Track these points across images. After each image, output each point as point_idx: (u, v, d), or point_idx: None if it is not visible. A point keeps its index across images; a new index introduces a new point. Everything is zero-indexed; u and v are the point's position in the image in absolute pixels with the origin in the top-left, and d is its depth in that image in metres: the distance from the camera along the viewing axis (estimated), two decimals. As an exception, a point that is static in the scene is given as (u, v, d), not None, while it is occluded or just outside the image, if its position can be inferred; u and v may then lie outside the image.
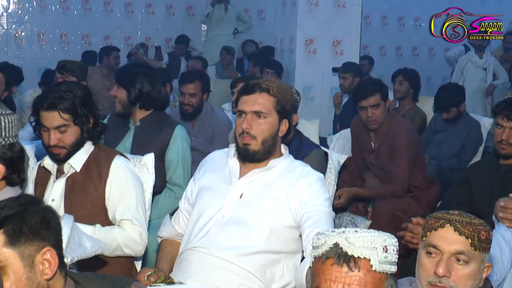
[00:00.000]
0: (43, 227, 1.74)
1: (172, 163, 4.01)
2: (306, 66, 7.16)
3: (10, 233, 1.71)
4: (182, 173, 4.01)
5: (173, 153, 4.00)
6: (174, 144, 4.00)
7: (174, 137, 4.00)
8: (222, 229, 2.77)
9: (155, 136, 3.97)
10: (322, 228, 2.53)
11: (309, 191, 2.77)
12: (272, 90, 2.85)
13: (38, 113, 2.95)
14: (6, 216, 1.72)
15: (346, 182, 4.65)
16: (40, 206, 1.78)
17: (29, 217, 1.73)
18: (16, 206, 1.74)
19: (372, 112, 4.52)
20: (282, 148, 2.97)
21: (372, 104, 4.51)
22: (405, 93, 6.13)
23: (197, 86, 5.12)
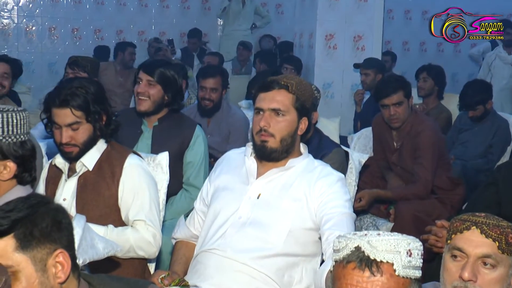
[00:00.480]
0: (54, 228, 1.74)
1: (192, 165, 3.99)
2: (326, 62, 7.15)
3: (21, 237, 1.70)
4: (202, 173, 4.00)
5: (194, 155, 3.99)
6: (195, 145, 3.99)
7: (195, 137, 3.99)
8: (238, 231, 2.78)
9: (175, 136, 3.96)
10: (343, 231, 2.54)
11: (329, 192, 2.77)
12: (291, 87, 2.85)
13: (49, 110, 2.97)
14: (16, 220, 1.71)
15: (367, 183, 4.64)
16: (51, 207, 1.78)
17: (40, 219, 1.73)
18: (26, 208, 1.74)
19: (394, 110, 4.51)
20: (301, 147, 2.96)
21: (394, 102, 4.50)
22: (430, 90, 6.09)
23: (218, 81, 5.13)
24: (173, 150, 3.60)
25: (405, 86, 4.57)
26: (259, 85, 2.93)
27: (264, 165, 2.88)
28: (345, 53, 7.14)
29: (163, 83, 3.91)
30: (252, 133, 2.90)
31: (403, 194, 4.47)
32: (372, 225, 4.59)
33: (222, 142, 5.14)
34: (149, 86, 3.90)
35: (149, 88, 3.90)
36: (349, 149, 4.22)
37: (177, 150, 3.88)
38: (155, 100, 3.91)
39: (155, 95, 3.91)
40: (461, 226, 2.13)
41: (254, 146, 2.89)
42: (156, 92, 3.91)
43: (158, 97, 3.91)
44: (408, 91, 4.56)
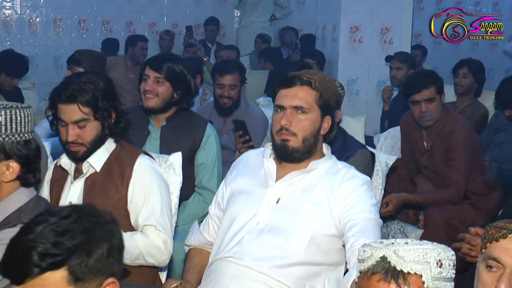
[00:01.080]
0: (110, 257, 1.73)
1: (205, 166, 4.01)
2: (351, 56, 7.13)
3: (75, 270, 1.68)
4: (215, 175, 4.02)
5: (207, 155, 4.00)
6: (207, 144, 4.00)
7: (207, 136, 4.00)
8: (256, 238, 2.78)
9: (186, 136, 3.97)
10: (368, 238, 2.54)
11: (354, 196, 2.77)
12: (314, 83, 2.85)
13: (55, 106, 2.98)
14: (71, 249, 1.67)
15: (395, 187, 4.63)
16: (106, 228, 1.75)
17: (96, 247, 1.70)
18: (81, 232, 1.69)
19: (426, 107, 4.49)
20: (324, 148, 2.97)
21: (426, 98, 4.48)
22: (469, 87, 6.02)
23: (236, 77, 5.13)
24: (184, 151, 3.61)
25: (437, 81, 4.55)
26: (279, 81, 2.94)
27: (284, 167, 2.89)
28: (371, 47, 7.13)
29: (172, 80, 3.91)
30: (271, 132, 2.91)
31: (434, 199, 4.46)
32: (400, 232, 4.58)
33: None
34: (157, 83, 3.91)
35: (157, 86, 3.90)
36: (375, 150, 4.21)
37: (188, 151, 3.88)
38: (164, 98, 3.92)
39: (164, 93, 3.91)
40: (497, 234, 2.11)
41: (274, 146, 2.90)
42: (164, 90, 3.91)
43: (167, 95, 3.92)
44: (440, 86, 4.55)
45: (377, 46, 7.14)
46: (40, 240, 1.68)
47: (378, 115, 6.76)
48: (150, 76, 3.92)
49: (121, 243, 1.78)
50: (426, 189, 4.60)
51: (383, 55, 6.91)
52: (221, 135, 5.14)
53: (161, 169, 3.27)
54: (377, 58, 7.05)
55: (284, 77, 2.92)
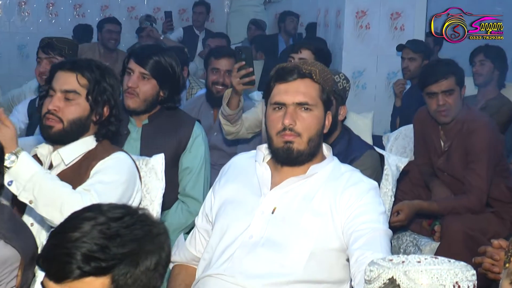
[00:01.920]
0: (155, 271, 1.76)
1: (190, 171, 4.00)
2: (357, 45, 7.14)
3: (118, 279, 1.70)
4: (201, 182, 4.02)
5: (193, 159, 4.00)
6: (194, 147, 4.00)
7: (194, 137, 4.00)
8: (249, 253, 2.77)
9: (170, 137, 3.97)
10: (376, 251, 2.55)
11: (359, 204, 2.77)
12: (315, 74, 2.86)
13: (53, 77, 3.10)
14: (118, 257, 1.70)
15: (407, 193, 4.64)
16: (157, 240, 1.77)
17: (144, 259, 1.73)
18: (131, 240, 1.72)
19: (443, 100, 4.49)
20: (324, 149, 2.98)
21: (444, 89, 4.48)
22: (488, 76, 6.04)
23: (233, 62, 5.14)
24: (168, 153, 3.60)
25: (457, 71, 4.56)
26: (275, 74, 2.92)
27: (280, 172, 2.89)
28: (380, 34, 7.14)
29: (159, 77, 3.90)
30: (269, 134, 2.90)
31: (452, 207, 4.46)
32: (413, 244, 4.59)
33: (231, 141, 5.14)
34: (142, 80, 3.90)
35: (141, 83, 3.89)
36: (385, 151, 4.21)
37: (172, 153, 3.86)
38: (147, 98, 3.91)
39: (148, 92, 3.90)
40: (523, 247, 2.12)
41: (273, 149, 2.89)
42: (149, 88, 3.90)
43: (151, 94, 3.91)
44: (460, 77, 4.55)
45: (386, 33, 7.15)
46: (87, 240, 1.69)
47: (388, 111, 6.77)
48: (134, 71, 3.91)
49: (168, 259, 1.81)
50: (442, 196, 4.60)
51: (394, 43, 6.92)
52: (210, 133, 5.14)
53: (142, 173, 3.28)
54: (386, 47, 7.06)
55: (280, 69, 2.91)
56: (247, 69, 4.18)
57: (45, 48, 4.80)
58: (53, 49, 4.78)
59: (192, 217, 3.93)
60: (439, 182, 4.69)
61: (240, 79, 4.19)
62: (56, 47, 4.78)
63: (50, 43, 4.80)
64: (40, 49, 4.86)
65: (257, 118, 4.67)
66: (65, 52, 4.77)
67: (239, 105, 4.35)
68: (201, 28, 10.00)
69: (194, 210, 3.95)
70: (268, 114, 2.91)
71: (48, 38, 4.89)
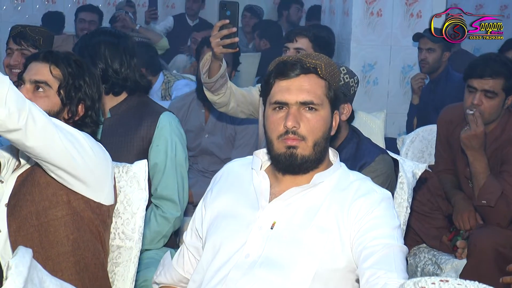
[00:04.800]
0: None
1: (158, 168, 4.02)
2: (367, 35, 7.15)
3: None
4: (173, 179, 4.02)
5: (159, 153, 4.01)
6: (160, 138, 4.01)
7: (159, 129, 4.01)
8: (246, 274, 2.76)
9: (132, 131, 3.99)
10: (389, 270, 2.55)
11: (370, 217, 2.76)
12: (321, 69, 2.86)
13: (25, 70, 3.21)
14: None
15: (425, 204, 4.65)
16: None
17: None
18: None
19: (480, 100, 4.49)
20: (330, 154, 2.98)
21: (487, 88, 4.50)
22: None
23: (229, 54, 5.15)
24: (132, 151, 3.62)
25: (510, 76, 4.56)
26: (274, 69, 2.92)
27: (281, 182, 2.89)
28: (394, 22, 7.15)
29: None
30: (268, 137, 2.89)
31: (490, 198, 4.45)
32: (432, 262, 4.60)
33: (225, 145, 5.15)
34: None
35: None
36: (399, 156, 4.20)
37: (137, 150, 3.86)
38: None
39: None
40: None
41: (273, 155, 2.88)
42: None
43: None
44: (510, 85, 4.56)
45: (401, 21, 7.16)
46: None
47: (403, 110, 6.79)
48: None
49: None
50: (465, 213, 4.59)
51: (409, 32, 6.93)
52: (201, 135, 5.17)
53: (122, 182, 3.31)
54: (401, 36, 7.07)
55: (280, 63, 2.90)
56: (230, 29, 4.12)
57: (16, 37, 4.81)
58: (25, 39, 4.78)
59: (169, 223, 3.96)
60: (463, 195, 4.69)
61: (221, 40, 4.13)
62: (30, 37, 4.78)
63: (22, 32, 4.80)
64: (11, 38, 4.86)
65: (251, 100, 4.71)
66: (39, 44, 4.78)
67: (219, 71, 4.30)
68: (195, 17, 9.94)
69: (170, 214, 3.97)
70: (267, 115, 2.90)
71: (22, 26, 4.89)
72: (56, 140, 2.83)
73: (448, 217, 4.72)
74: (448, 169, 4.81)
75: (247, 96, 4.67)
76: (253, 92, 4.71)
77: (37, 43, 4.79)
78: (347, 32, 7.19)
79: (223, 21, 4.12)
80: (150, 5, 9.51)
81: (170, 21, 9.85)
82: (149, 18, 9.48)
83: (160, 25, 9.77)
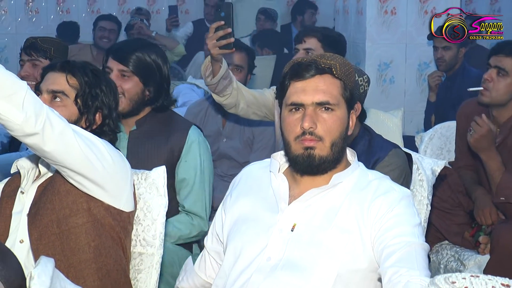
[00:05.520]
0: None
1: (187, 184, 4.03)
2: (382, 33, 7.14)
3: None
4: (202, 196, 4.04)
5: (188, 169, 4.02)
6: (189, 154, 4.02)
7: (189, 144, 4.02)
8: (267, 277, 2.76)
9: (160, 144, 4.00)
10: (411, 268, 2.54)
11: (391, 216, 2.75)
12: (336, 69, 2.86)
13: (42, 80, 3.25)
14: None
15: (446, 200, 4.64)
16: None
17: None
18: None
19: (490, 76, 4.50)
20: (348, 154, 2.98)
21: (499, 65, 4.49)
22: None
23: (244, 57, 5.18)
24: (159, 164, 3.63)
25: None
26: (289, 70, 2.92)
27: (299, 184, 2.89)
28: (408, 19, 7.14)
29: (141, 74, 3.96)
30: (286, 139, 2.89)
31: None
32: (455, 259, 4.58)
33: (243, 149, 5.15)
34: (121, 78, 3.96)
35: (122, 82, 3.94)
36: (418, 153, 4.19)
37: (167, 163, 3.90)
38: (131, 97, 3.97)
39: (131, 90, 3.96)
40: None
41: (290, 157, 2.88)
42: (132, 86, 3.96)
43: (136, 93, 3.96)
44: None
45: (416, 18, 7.15)
46: None
47: (420, 108, 6.77)
48: (113, 69, 3.98)
49: None
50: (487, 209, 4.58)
51: (425, 30, 6.91)
52: (219, 140, 5.16)
53: (141, 189, 3.32)
54: (416, 34, 7.06)
55: (295, 65, 2.90)
56: (225, 30, 4.18)
57: (27, 49, 4.84)
58: (36, 50, 4.81)
59: (195, 229, 3.96)
60: (483, 191, 4.67)
61: (217, 41, 4.19)
62: (40, 48, 4.81)
63: (34, 43, 4.84)
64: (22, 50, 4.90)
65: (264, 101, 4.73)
66: (51, 54, 4.80)
67: (219, 72, 4.34)
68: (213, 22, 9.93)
69: (197, 224, 3.97)
70: (283, 117, 2.90)
71: (33, 38, 4.92)
72: (74, 145, 2.85)
73: (469, 213, 4.70)
74: (468, 165, 4.79)
75: (259, 97, 4.69)
76: (266, 94, 4.73)
77: (47, 53, 4.81)
78: (361, 31, 7.19)
79: (218, 23, 4.20)
80: (171, 13, 9.53)
81: (190, 27, 9.87)
82: (170, 25, 9.51)
83: (180, 32, 9.80)
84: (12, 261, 2.67)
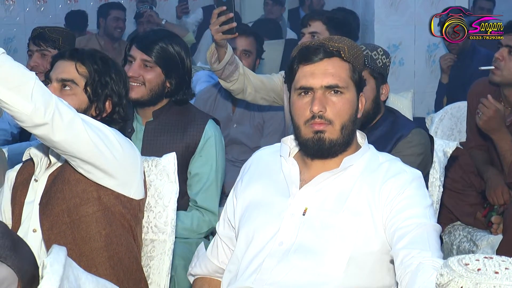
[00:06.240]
0: None
1: (200, 179, 4.01)
2: (391, 15, 7.13)
3: None
4: (215, 192, 4.03)
5: (203, 164, 4.01)
6: (205, 149, 4.01)
7: (205, 139, 4.01)
8: (280, 262, 2.77)
9: (176, 137, 4.00)
10: (423, 249, 2.54)
11: (402, 197, 2.75)
12: (344, 52, 2.86)
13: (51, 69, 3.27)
14: None
15: (458, 181, 4.63)
16: None
17: None
18: None
19: (501, 55, 4.51)
20: (358, 137, 2.97)
21: (510, 44, 4.49)
22: None
23: (252, 42, 5.17)
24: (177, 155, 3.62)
25: None
26: (298, 54, 2.91)
27: (310, 167, 2.89)
28: (417, 0, 7.11)
29: (164, 65, 3.96)
30: (295, 123, 2.89)
31: None
32: (467, 240, 4.58)
33: (254, 134, 5.15)
34: (144, 68, 3.96)
35: (144, 71, 3.95)
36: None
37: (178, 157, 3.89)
38: (152, 88, 3.97)
39: (153, 80, 3.96)
40: None
41: (301, 141, 2.88)
42: (154, 77, 3.96)
43: (156, 84, 3.97)
44: None
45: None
46: None
47: (430, 89, 6.76)
48: (136, 58, 3.98)
49: None
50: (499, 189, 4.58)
51: (433, 10, 6.87)
52: (229, 125, 5.16)
53: (152, 175, 3.33)
54: (424, 15, 7.03)
55: (303, 48, 2.90)
56: (227, 15, 4.20)
57: (35, 39, 4.84)
58: (44, 40, 4.82)
59: (206, 225, 3.95)
60: (495, 171, 4.66)
61: (220, 27, 4.22)
62: (49, 38, 4.81)
63: (42, 33, 4.84)
64: (30, 40, 4.91)
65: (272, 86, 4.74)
66: (59, 44, 4.81)
67: (225, 57, 4.37)
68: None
69: (208, 220, 3.96)
70: (293, 101, 2.90)
71: (41, 28, 4.93)
72: (83, 134, 2.86)
73: (481, 193, 4.69)
74: (479, 145, 4.78)
75: (267, 82, 4.70)
76: (275, 79, 4.74)
77: (56, 43, 4.82)
78: (370, 13, 7.18)
79: (220, 8, 4.22)
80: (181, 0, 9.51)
81: (200, 13, 9.84)
82: (180, 12, 9.49)
83: (191, 18, 9.79)
84: (24, 251, 2.69)
